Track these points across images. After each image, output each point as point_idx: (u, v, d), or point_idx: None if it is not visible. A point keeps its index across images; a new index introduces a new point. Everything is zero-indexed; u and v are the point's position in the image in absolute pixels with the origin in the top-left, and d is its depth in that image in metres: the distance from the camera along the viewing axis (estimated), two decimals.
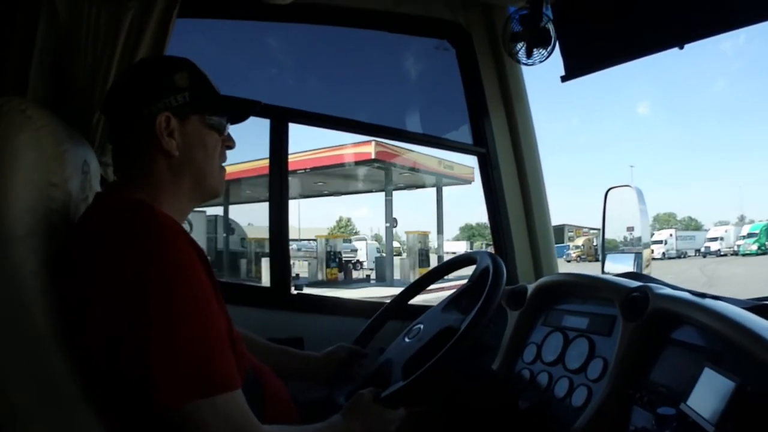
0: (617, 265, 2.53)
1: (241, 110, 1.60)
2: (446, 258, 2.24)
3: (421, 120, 3.18)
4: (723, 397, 1.28)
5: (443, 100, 3.19)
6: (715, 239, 53.41)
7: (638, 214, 2.47)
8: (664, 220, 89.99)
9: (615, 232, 2.64)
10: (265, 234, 2.89)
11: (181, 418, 1.15)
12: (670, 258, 48.03)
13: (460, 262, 2.21)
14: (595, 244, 50.98)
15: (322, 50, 2.92)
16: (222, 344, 1.24)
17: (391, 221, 22.73)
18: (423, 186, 26.58)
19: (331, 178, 24.23)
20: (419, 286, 2.25)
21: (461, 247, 62.78)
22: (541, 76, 2.57)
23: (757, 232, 49.85)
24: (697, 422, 1.31)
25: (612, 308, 1.87)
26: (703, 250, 53.02)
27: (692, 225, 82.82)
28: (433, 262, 23.66)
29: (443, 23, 2.84)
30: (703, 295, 1.62)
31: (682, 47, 2.17)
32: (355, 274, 27.83)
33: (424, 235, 25.74)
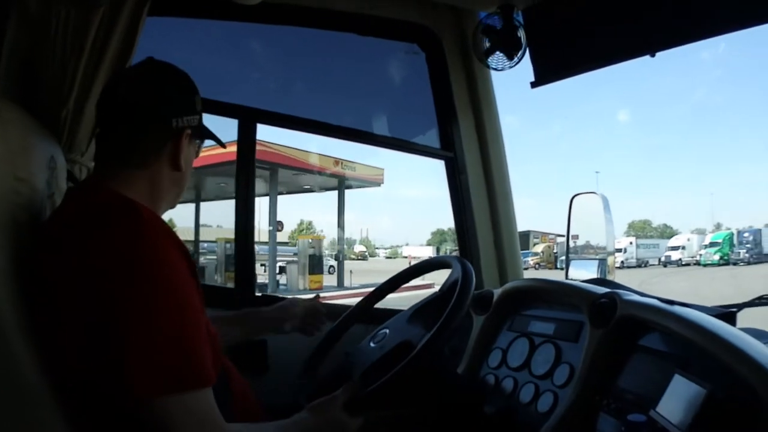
0: (581, 272, 2.55)
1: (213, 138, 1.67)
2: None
3: (389, 123, 3.17)
4: (694, 403, 1.28)
5: (412, 103, 3.19)
6: (676, 248, 52.29)
7: (603, 221, 2.49)
8: (639, 227, 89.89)
9: (580, 239, 2.66)
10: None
11: (152, 412, 1.16)
12: (629, 267, 46.44)
13: (432, 265, 2.20)
14: (555, 251, 50.47)
15: (291, 51, 2.90)
16: (200, 341, 1.26)
17: (275, 225, 22.12)
18: (327, 188, 25.38)
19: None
20: (385, 290, 2.24)
21: (426, 253, 63.20)
22: (522, 81, 2.58)
23: (720, 241, 49.04)
24: (667, 429, 1.31)
25: (579, 314, 1.86)
26: (663, 259, 51.86)
27: (667, 232, 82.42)
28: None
29: (414, 27, 2.84)
30: (671, 302, 1.63)
31: (653, 55, 2.19)
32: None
33: (318, 240, 25.10)
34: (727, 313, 1.73)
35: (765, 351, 1.28)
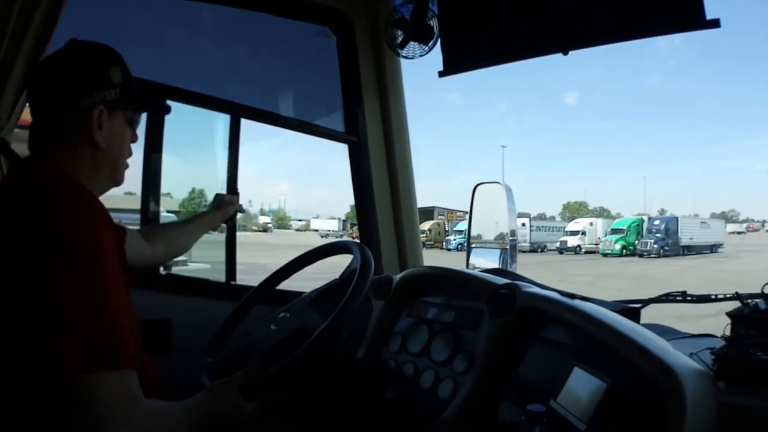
0: (481, 260, 2.60)
1: (152, 103, 1.75)
2: None
3: (294, 105, 3.11)
4: (594, 395, 1.33)
5: (319, 86, 3.15)
6: (575, 233, 47.31)
7: (506, 210, 2.55)
8: (574, 209, 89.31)
9: (482, 227, 2.70)
10: None
11: (78, 390, 1.16)
12: (521, 251, 42.04)
13: (332, 249, 2.20)
14: (447, 229, 49.36)
15: (201, 27, 2.81)
16: (126, 323, 1.28)
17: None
18: None
19: None
20: (287, 271, 2.22)
21: (332, 226, 63.87)
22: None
23: (624, 228, 44.32)
24: (567, 419, 1.36)
25: (478, 303, 1.89)
26: (558, 245, 46.89)
27: (604, 215, 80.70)
28: None
29: (327, 10, 2.80)
30: (572, 296, 1.68)
31: (566, 53, 2.24)
32: None
33: None
34: (631, 309, 1.81)
35: (665, 346, 1.34)
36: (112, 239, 1.33)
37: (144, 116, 1.82)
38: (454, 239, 44.51)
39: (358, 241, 2.69)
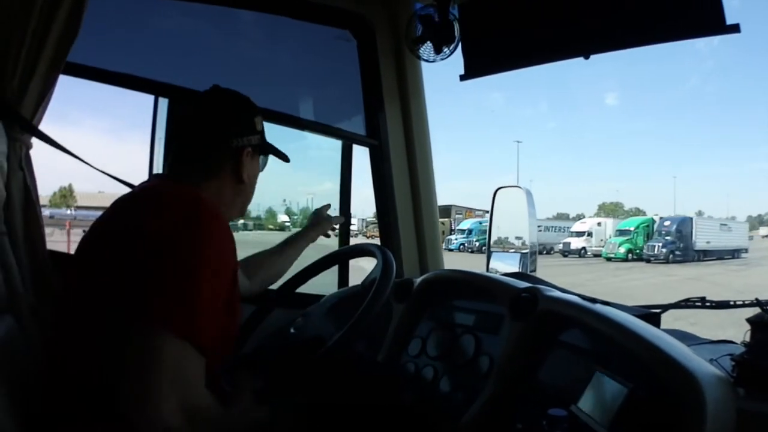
0: (502, 264, 2.60)
1: (280, 153, 1.93)
2: None
3: (315, 109, 3.12)
4: (615, 400, 1.33)
5: (340, 90, 3.15)
6: (581, 234, 43.01)
7: (526, 214, 2.55)
8: (609, 210, 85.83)
9: (502, 231, 2.70)
10: None
11: (150, 341, 1.25)
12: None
13: (354, 252, 2.22)
14: (453, 228, 46.56)
15: (221, 32, 2.83)
16: (212, 321, 1.38)
17: None
18: None
19: None
20: (308, 274, 2.25)
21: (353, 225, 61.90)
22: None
23: (631, 229, 40.38)
24: (588, 424, 1.36)
25: (499, 307, 1.89)
26: (561, 247, 42.62)
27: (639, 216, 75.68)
28: None
29: (347, 13, 2.81)
30: (593, 300, 1.68)
31: (587, 57, 2.24)
32: None
33: None
34: (651, 314, 1.80)
35: (686, 351, 1.33)
36: (234, 257, 1.54)
37: None
38: (456, 239, 42.77)
39: (370, 240, 2.72)
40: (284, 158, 1.94)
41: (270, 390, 1.59)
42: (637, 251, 38.42)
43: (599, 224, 44.71)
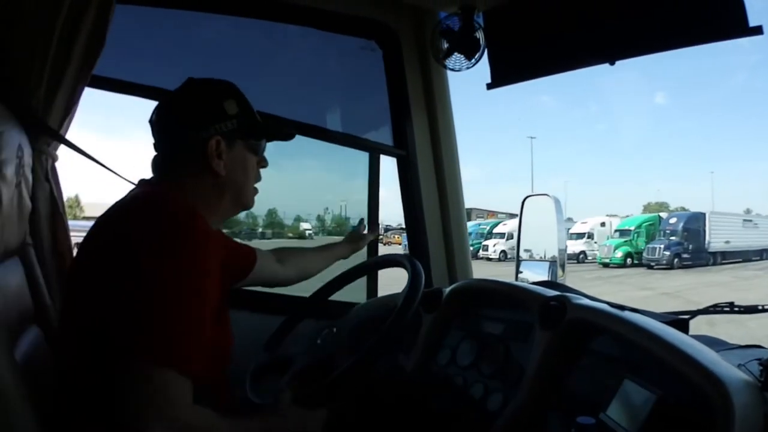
0: (531, 273, 2.58)
1: (279, 132, 1.81)
2: None
3: (342, 120, 3.17)
4: (644, 408, 1.31)
5: (366, 100, 3.18)
6: (580, 236, 36.43)
7: (555, 222, 2.53)
8: (654, 210, 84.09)
9: (531, 240, 2.69)
10: None
11: (127, 374, 1.24)
12: (510, 260, 28.18)
13: (384, 263, 2.23)
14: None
15: (246, 43, 2.87)
16: (196, 337, 1.35)
17: None
18: None
19: None
20: (339, 283, 2.26)
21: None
22: None
23: (631, 229, 34.42)
24: None
25: (528, 316, 1.87)
26: None
27: None
28: None
29: (372, 23, 2.83)
30: (621, 308, 1.66)
31: (612, 63, 2.24)
32: None
33: None
34: (680, 320, 1.77)
35: (714, 357, 1.32)
36: (217, 266, 1.46)
37: None
38: None
39: (387, 247, 2.74)
40: (283, 136, 1.83)
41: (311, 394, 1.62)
42: (639, 255, 32.73)
43: (603, 224, 37.91)
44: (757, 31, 1.95)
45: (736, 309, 1.80)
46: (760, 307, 1.74)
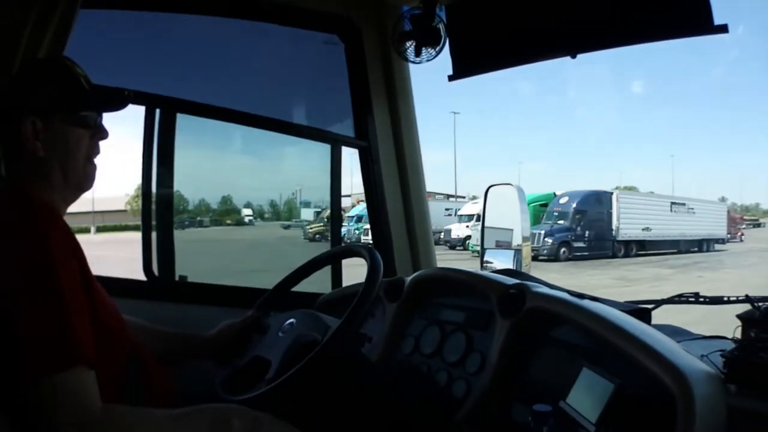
0: (495, 261, 2.62)
1: (110, 101, 1.65)
2: None
3: (306, 113, 3.19)
4: (602, 397, 1.35)
5: (328, 93, 3.18)
6: (470, 218, 28.99)
7: (518, 212, 2.57)
8: None
9: (494, 230, 2.70)
10: None
11: (31, 392, 1.22)
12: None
13: (343, 253, 2.23)
14: None
15: (211, 41, 2.84)
16: (79, 322, 1.30)
17: None
18: None
19: None
20: (298, 276, 2.24)
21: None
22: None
23: None
24: (576, 420, 1.38)
25: (489, 304, 1.90)
26: (442, 236, 30.38)
27: None
28: None
29: (334, 18, 2.82)
30: (581, 296, 1.70)
31: (574, 56, 2.27)
32: None
33: None
34: (641, 309, 1.81)
35: (675, 348, 1.35)
36: (63, 241, 1.37)
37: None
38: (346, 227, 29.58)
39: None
40: (114, 106, 1.65)
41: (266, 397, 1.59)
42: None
43: None
44: (722, 29, 1.97)
45: (701, 299, 1.83)
46: (725, 299, 1.78)
